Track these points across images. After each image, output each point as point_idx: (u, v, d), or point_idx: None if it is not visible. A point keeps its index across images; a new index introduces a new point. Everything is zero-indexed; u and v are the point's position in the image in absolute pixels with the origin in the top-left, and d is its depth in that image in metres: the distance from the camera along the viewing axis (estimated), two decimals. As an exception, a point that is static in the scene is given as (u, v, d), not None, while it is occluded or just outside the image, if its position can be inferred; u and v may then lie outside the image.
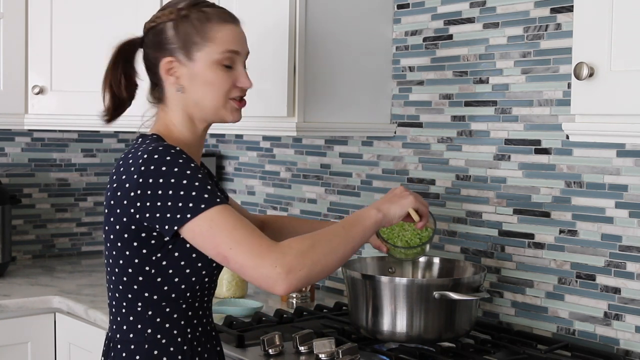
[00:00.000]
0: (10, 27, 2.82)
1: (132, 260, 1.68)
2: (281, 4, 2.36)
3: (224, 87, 1.76)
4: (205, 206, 1.58)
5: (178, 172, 1.60)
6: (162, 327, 1.71)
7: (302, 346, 2.00)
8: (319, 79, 2.41)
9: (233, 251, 1.57)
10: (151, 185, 1.60)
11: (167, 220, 1.60)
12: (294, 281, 1.56)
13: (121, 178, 1.66)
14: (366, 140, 2.68)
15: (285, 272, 1.55)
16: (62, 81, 2.86)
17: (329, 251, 1.63)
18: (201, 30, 1.74)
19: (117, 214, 1.67)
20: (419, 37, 2.51)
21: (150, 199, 1.60)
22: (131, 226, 1.65)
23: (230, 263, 1.58)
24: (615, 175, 2.05)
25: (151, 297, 1.69)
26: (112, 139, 3.47)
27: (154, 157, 1.62)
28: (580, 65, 1.62)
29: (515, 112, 2.26)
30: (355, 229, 1.70)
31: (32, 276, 2.98)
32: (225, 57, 1.76)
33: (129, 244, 1.67)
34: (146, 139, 1.75)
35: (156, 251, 1.66)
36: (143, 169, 1.61)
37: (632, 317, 2.02)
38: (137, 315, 1.71)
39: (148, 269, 1.67)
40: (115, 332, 1.75)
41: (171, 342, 1.71)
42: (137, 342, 1.71)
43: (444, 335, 2.02)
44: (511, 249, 2.28)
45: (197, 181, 1.60)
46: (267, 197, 3.07)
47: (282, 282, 1.55)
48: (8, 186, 3.19)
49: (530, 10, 2.21)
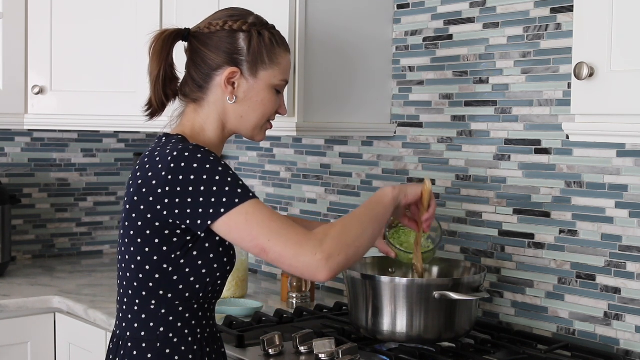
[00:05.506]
0: (10, 27, 2.82)
1: (151, 257, 1.68)
2: (281, 3, 2.36)
3: (271, 110, 1.85)
4: (239, 200, 1.61)
5: (210, 168, 1.63)
6: (174, 325, 1.72)
7: (302, 346, 2.00)
8: (319, 79, 2.41)
9: (272, 242, 1.61)
10: (181, 182, 1.62)
11: (199, 215, 1.62)
12: (335, 266, 1.62)
13: (147, 175, 1.67)
14: (366, 140, 2.68)
15: (326, 258, 1.60)
16: (62, 81, 2.86)
17: (361, 232, 1.69)
18: (271, 52, 1.81)
19: (140, 210, 1.68)
20: (419, 37, 2.51)
21: (181, 196, 1.62)
22: (155, 223, 1.66)
23: (270, 254, 1.62)
24: (616, 175, 2.05)
25: (165, 296, 1.70)
26: (112, 139, 3.47)
27: (184, 155, 1.64)
28: (580, 65, 1.62)
29: (515, 112, 2.26)
30: (377, 208, 1.78)
31: (32, 276, 2.98)
32: (282, 84, 1.85)
33: (150, 241, 1.68)
34: (171, 139, 1.75)
35: (176, 249, 1.68)
36: (173, 166, 1.63)
37: (632, 317, 2.02)
38: (150, 313, 1.72)
39: (166, 266, 1.68)
40: (125, 330, 1.75)
41: (182, 342, 1.73)
42: (148, 340, 1.72)
43: (444, 336, 2.02)
44: (511, 249, 2.28)
45: (230, 177, 1.63)
46: (267, 197, 3.07)
47: (323, 269, 1.61)
48: (8, 186, 3.19)
49: (530, 10, 2.21)
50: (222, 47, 1.78)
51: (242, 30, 1.78)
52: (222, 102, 1.80)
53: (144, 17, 2.77)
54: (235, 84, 1.79)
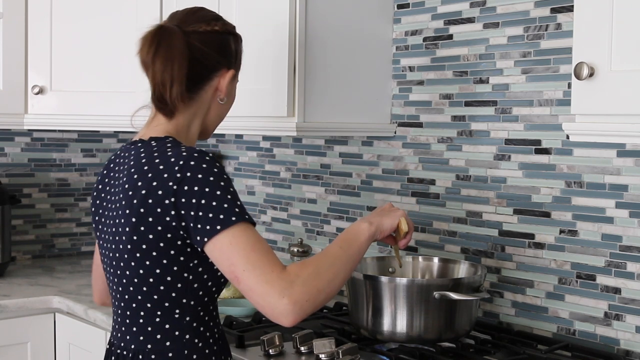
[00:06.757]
0: (10, 26, 2.82)
1: (171, 268, 1.65)
2: (281, 3, 2.36)
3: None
4: (235, 219, 1.58)
5: (213, 181, 1.60)
6: (197, 330, 1.71)
7: (302, 346, 2.00)
8: (319, 79, 2.41)
9: (246, 274, 1.57)
10: (187, 193, 1.59)
11: (198, 231, 1.59)
12: (302, 313, 1.57)
13: (152, 185, 1.63)
14: (366, 140, 2.68)
15: (292, 303, 1.55)
16: (61, 81, 2.86)
17: (332, 277, 1.64)
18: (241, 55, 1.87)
19: (149, 222, 1.63)
20: (419, 37, 2.50)
21: (187, 207, 1.59)
22: (167, 235, 1.63)
23: (241, 285, 1.58)
24: (616, 175, 2.05)
25: (188, 303, 1.69)
26: (112, 138, 3.47)
27: (189, 164, 1.61)
28: (580, 65, 1.62)
29: (515, 112, 2.26)
30: (352, 248, 1.72)
31: (32, 276, 2.97)
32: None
33: (166, 253, 1.64)
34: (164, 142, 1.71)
35: (193, 258, 1.66)
36: (179, 176, 1.60)
37: (633, 317, 2.02)
38: (174, 322, 1.69)
39: (187, 275, 1.66)
40: (144, 344, 1.71)
41: (205, 344, 1.72)
42: (174, 349, 1.69)
43: (444, 336, 2.02)
44: (511, 249, 2.28)
45: (229, 194, 1.61)
46: (267, 197, 3.07)
47: (288, 315, 1.55)
48: (8, 186, 3.19)
49: (530, 10, 2.21)
50: (219, 47, 1.78)
51: (231, 33, 1.82)
52: (209, 101, 1.80)
53: (144, 17, 2.77)
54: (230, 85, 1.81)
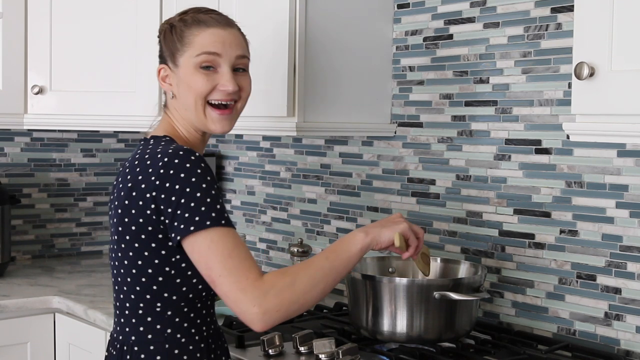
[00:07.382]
0: (9, 26, 2.82)
1: (152, 260, 1.68)
2: (281, 4, 2.36)
3: (202, 89, 1.77)
4: (210, 223, 1.59)
5: (194, 182, 1.61)
6: (181, 326, 1.72)
7: (302, 346, 2.00)
8: (319, 79, 2.41)
9: (221, 279, 1.59)
10: (167, 189, 1.61)
11: (174, 228, 1.62)
12: (271, 322, 1.59)
13: (137, 178, 1.66)
14: (366, 140, 2.68)
15: (262, 312, 1.58)
16: (61, 81, 2.85)
17: (309, 288, 1.63)
18: (181, 36, 1.79)
19: (132, 214, 1.67)
20: (419, 37, 2.50)
21: (165, 203, 1.62)
22: (148, 227, 1.66)
23: (217, 288, 1.62)
24: (616, 175, 2.04)
25: (170, 298, 1.70)
26: (112, 138, 3.47)
27: (174, 162, 1.63)
28: (580, 65, 1.62)
29: (515, 112, 2.26)
30: (339, 259, 1.68)
31: (32, 276, 2.97)
32: (203, 59, 1.77)
33: (147, 245, 1.67)
34: (160, 140, 1.76)
35: (175, 253, 1.67)
36: (162, 172, 1.62)
37: (633, 317, 2.02)
38: (156, 315, 1.71)
39: (168, 269, 1.68)
40: (129, 335, 1.74)
41: (190, 341, 1.73)
42: (156, 343, 1.72)
43: (444, 336, 2.02)
44: (511, 249, 2.28)
45: (209, 197, 1.61)
46: (267, 197, 3.07)
47: (258, 322, 1.59)
48: (7, 186, 3.19)
49: (530, 10, 2.21)
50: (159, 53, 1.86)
51: (162, 31, 1.85)
52: (172, 101, 1.83)
53: (144, 17, 2.77)
54: (169, 80, 1.82)
